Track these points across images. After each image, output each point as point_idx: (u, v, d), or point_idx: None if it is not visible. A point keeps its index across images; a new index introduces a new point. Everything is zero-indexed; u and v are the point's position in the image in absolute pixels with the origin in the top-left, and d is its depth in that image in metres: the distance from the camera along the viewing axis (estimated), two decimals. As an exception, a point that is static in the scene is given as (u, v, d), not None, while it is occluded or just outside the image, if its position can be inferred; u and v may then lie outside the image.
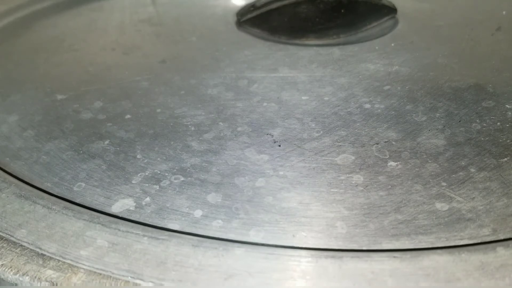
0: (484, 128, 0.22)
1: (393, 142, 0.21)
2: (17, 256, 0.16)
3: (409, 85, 0.25)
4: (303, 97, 0.25)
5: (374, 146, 0.21)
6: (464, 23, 0.34)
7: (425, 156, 0.20)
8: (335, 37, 0.33)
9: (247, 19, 0.34)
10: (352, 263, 0.15)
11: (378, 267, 0.15)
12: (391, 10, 0.34)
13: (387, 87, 0.25)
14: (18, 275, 0.15)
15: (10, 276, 0.15)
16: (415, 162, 0.20)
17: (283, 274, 0.15)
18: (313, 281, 0.15)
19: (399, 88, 0.25)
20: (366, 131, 0.22)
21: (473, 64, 0.28)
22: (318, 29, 0.34)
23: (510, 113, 0.23)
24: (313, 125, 0.22)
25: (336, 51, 0.30)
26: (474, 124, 0.22)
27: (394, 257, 0.15)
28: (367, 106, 0.24)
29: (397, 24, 0.34)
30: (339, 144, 0.21)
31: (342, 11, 0.34)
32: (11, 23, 0.36)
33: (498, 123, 0.22)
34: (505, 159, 0.20)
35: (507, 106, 0.23)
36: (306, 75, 0.27)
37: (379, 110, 0.23)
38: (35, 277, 0.15)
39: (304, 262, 0.15)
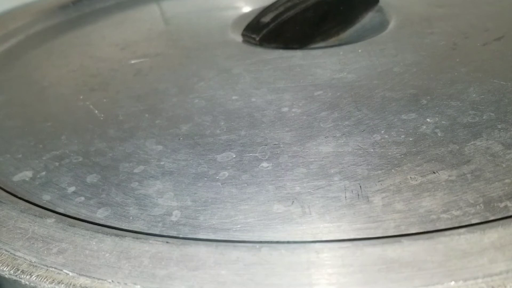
0: (383, 140, 0.21)
1: (281, 145, 0.22)
2: None
3: (342, 92, 0.25)
4: (233, 97, 0.26)
5: (261, 147, 0.22)
6: (462, 31, 0.32)
7: (301, 161, 0.20)
8: (336, 35, 0.34)
9: (263, 36, 0.33)
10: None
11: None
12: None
13: (319, 92, 0.25)
14: None
15: None
16: (287, 165, 0.20)
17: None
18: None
19: (329, 94, 0.25)
20: (265, 133, 0.23)
21: (430, 75, 0.26)
22: (323, 31, 0.35)
23: (424, 127, 0.22)
24: (222, 123, 0.24)
25: (299, 55, 0.30)
26: (375, 135, 0.22)
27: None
28: (285, 109, 0.24)
29: (385, 29, 0.33)
30: (231, 143, 0.22)
31: (341, 8, 0.35)
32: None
33: (403, 136, 0.21)
34: (379, 171, 0.19)
35: (427, 120, 0.22)
36: (253, 76, 0.28)
37: (293, 114, 0.24)
38: None
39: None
